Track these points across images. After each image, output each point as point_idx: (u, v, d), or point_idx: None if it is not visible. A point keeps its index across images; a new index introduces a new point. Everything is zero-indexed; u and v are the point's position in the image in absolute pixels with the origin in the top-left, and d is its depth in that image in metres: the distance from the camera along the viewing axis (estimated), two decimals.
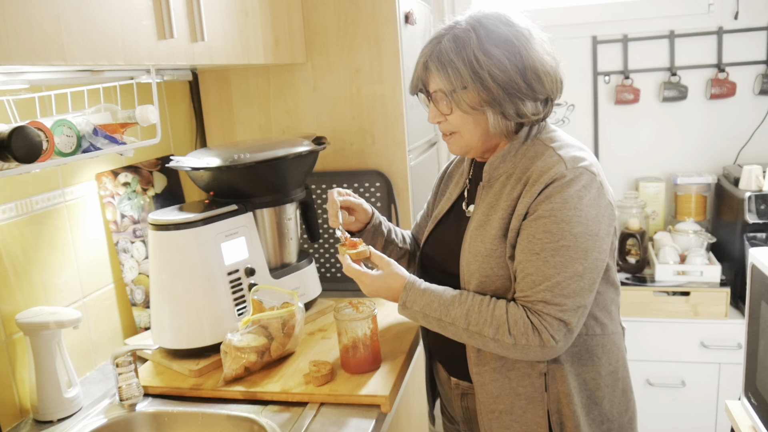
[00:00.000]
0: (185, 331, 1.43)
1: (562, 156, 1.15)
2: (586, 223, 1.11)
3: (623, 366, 1.28)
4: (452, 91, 1.16)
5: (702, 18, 2.53)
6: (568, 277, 1.10)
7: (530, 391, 1.20)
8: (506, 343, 1.13)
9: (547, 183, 1.12)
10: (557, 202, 1.11)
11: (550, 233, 1.11)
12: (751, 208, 2.19)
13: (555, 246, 1.10)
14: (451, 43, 1.15)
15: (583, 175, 1.12)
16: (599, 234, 1.12)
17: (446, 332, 1.19)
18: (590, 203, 1.12)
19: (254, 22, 1.58)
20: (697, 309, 2.29)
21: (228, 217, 1.49)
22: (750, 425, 1.46)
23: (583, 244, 1.10)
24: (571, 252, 1.10)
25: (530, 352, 1.13)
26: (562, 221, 1.10)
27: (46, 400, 1.30)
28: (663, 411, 2.37)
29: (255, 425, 1.23)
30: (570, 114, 2.73)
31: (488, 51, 1.13)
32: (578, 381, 1.21)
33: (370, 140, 1.89)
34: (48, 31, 0.95)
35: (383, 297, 1.25)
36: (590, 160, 1.16)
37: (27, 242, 1.35)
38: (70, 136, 1.22)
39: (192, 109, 2.01)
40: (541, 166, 1.15)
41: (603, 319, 1.23)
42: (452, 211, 1.35)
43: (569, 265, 1.10)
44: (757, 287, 1.43)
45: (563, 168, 1.13)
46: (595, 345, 1.22)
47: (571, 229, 1.10)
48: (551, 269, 1.10)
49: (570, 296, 1.10)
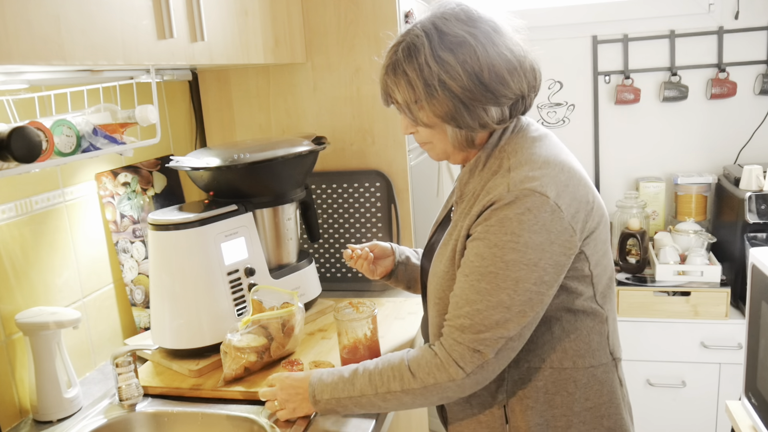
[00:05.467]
0: (185, 332, 1.43)
1: (510, 176, 1.05)
2: (523, 250, 1.00)
3: (613, 402, 1.15)
4: (408, 104, 1.08)
5: (702, 18, 2.53)
6: (491, 306, 1.01)
7: (490, 420, 1.14)
8: (416, 389, 1.06)
9: (486, 205, 1.04)
10: (493, 224, 1.02)
11: (481, 257, 1.03)
12: (751, 208, 2.19)
13: (483, 271, 1.02)
14: (405, 52, 1.06)
15: (527, 198, 1.01)
16: (539, 264, 1.01)
17: (363, 408, 1.12)
18: (533, 228, 1.00)
19: (254, 22, 1.58)
20: (697, 309, 2.29)
21: (228, 217, 1.49)
22: (750, 425, 1.46)
23: (515, 273, 1.00)
24: (498, 280, 1.01)
25: (445, 390, 1.05)
26: (495, 246, 1.01)
27: (46, 400, 1.29)
28: (663, 411, 2.37)
29: (255, 425, 1.23)
30: (570, 114, 2.73)
31: (440, 57, 1.03)
32: (544, 417, 1.12)
33: (370, 140, 1.89)
34: (48, 30, 0.95)
35: (298, 406, 1.18)
36: (545, 181, 1.03)
37: (27, 242, 1.35)
38: (69, 136, 1.22)
39: (192, 109, 2.01)
40: (488, 188, 1.06)
41: (577, 352, 1.12)
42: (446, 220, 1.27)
43: (494, 293, 1.01)
44: (758, 287, 1.43)
45: (504, 190, 1.03)
46: (564, 379, 1.11)
47: (503, 256, 1.01)
48: (474, 294, 1.03)
49: (491, 327, 1.01)
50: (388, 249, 1.43)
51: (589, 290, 1.11)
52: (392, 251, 1.43)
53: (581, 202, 1.06)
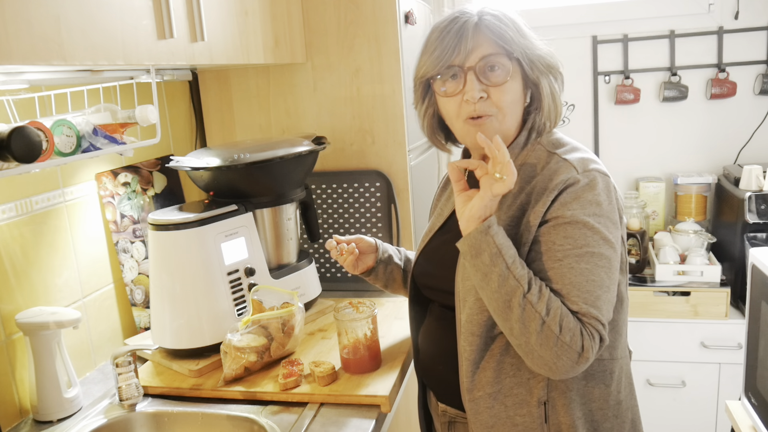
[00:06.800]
0: (185, 331, 1.43)
1: (570, 160, 1.07)
2: (606, 229, 1.02)
3: (631, 394, 1.17)
4: (509, 55, 1.07)
5: (702, 18, 2.53)
6: (597, 286, 0.99)
7: (528, 421, 1.08)
8: (550, 332, 0.96)
9: (561, 189, 1.03)
10: (575, 207, 1.01)
11: (573, 238, 1.00)
12: (751, 208, 2.19)
13: (579, 252, 1.00)
14: (492, 17, 1.08)
15: (598, 178, 1.05)
16: (618, 241, 1.04)
17: (499, 289, 0.99)
18: (609, 207, 1.04)
19: (254, 22, 1.58)
20: (697, 309, 2.29)
21: (228, 217, 1.49)
22: (750, 425, 1.46)
23: (607, 251, 1.01)
24: (596, 259, 1.00)
25: (562, 357, 0.97)
26: (584, 226, 1.01)
27: (46, 400, 1.29)
28: (663, 411, 2.37)
29: (255, 425, 1.23)
30: (570, 114, 2.73)
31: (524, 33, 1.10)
32: (583, 411, 1.09)
33: (370, 140, 1.89)
34: (48, 30, 0.95)
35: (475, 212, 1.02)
36: (600, 163, 1.09)
37: (27, 242, 1.35)
38: (69, 136, 1.22)
39: (192, 109, 2.01)
40: (546, 175, 1.06)
41: (612, 342, 1.11)
42: (448, 224, 1.22)
43: (596, 272, 0.99)
44: (758, 287, 1.43)
45: (575, 172, 1.05)
46: (603, 370, 1.10)
47: (594, 235, 1.00)
48: (578, 276, 0.99)
49: (602, 307, 0.99)
50: (373, 245, 1.41)
51: (624, 277, 1.12)
52: (376, 247, 1.41)
53: None
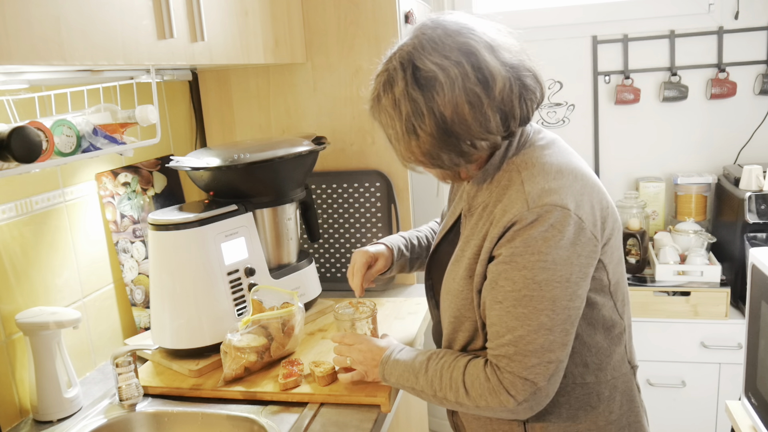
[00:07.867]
0: (185, 331, 1.43)
1: (526, 191, 1.01)
2: (553, 268, 0.97)
3: (633, 411, 1.14)
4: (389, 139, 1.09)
5: (702, 18, 2.53)
6: (533, 331, 0.98)
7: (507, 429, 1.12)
8: (470, 406, 1.05)
9: (507, 226, 1.00)
10: (518, 246, 0.98)
11: (512, 281, 0.99)
12: (751, 208, 2.19)
13: (517, 296, 0.98)
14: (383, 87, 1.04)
15: (549, 214, 0.97)
16: (571, 279, 0.98)
17: (424, 399, 1.13)
18: (559, 244, 0.97)
19: (254, 22, 1.58)
20: (697, 309, 2.29)
21: (228, 217, 1.49)
22: (750, 425, 1.46)
23: (550, 293, 0.97)
24: (534, 302, 0.97)
25: (497, 413, 1.04)
26: (524, 268, 0.97)
27: (46, 400, 1.29)
28: (663, 411, 2.37)
29: (255, 425, 1.23)
30: (570, 114, 2.73)
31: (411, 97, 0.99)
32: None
33: (370, 140, 1.89)
34: (48, 31, 0.95)
35: (370, 371, 1.23)
36: (562, 193, 0.99)
37: (27, 242, 1.35)
38: (69, 136, 1.22)
39: (192, 109, 2.01)
40: (504, 205, 1.02)
41: (599, 365, 1.09)
42: (454, 228, 1.21)
43: (533, 317, 0.97)
44: (758, 287, 1.43)
45: (524, 207, 0.99)
46: (586, 394, 1.09)
47: (535, 277, 0.97)
48: (513, 321, 0.99)
49: (536, 352, 0.98)
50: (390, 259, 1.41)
51: (609, 301, 1.09)
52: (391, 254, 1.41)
53: (598, 208, 1.03)
